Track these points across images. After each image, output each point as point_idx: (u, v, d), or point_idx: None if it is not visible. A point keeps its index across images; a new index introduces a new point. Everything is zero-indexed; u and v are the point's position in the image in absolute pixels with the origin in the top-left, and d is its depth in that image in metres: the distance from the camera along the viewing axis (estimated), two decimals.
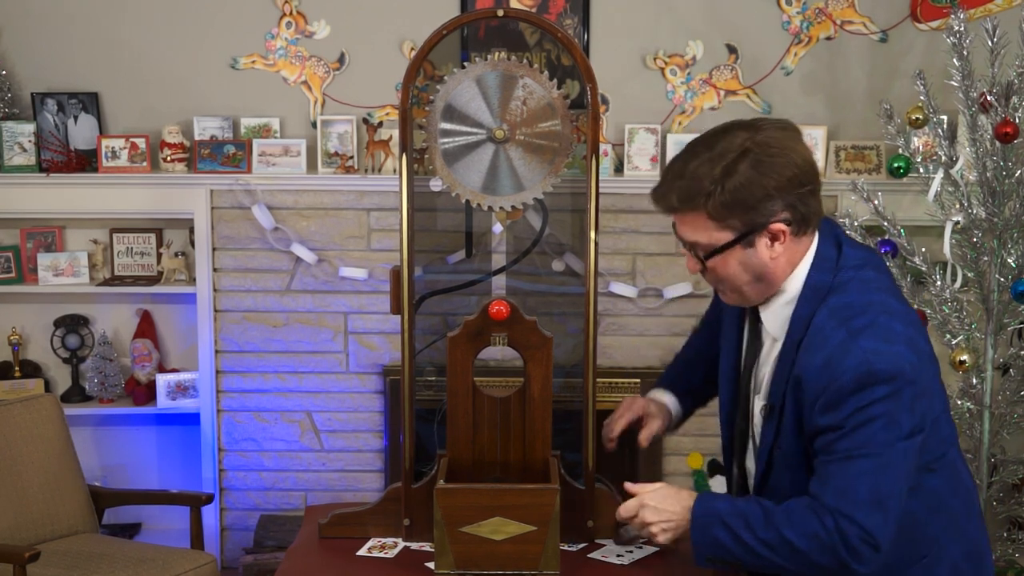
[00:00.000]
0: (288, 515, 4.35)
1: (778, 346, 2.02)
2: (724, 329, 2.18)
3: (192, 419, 4.42)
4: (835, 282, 1.95)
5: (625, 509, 2.05)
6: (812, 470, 1.96)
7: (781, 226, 1.92)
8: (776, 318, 2.01)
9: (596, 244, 2.14)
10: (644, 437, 2.29)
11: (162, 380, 4.36)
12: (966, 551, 2.10)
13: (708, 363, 2.29)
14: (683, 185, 1.92)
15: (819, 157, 4.22)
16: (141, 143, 4.22)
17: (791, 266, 1.98)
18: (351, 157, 4.25)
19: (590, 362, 2.17)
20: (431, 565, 2.11)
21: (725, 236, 1.93)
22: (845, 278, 1.96)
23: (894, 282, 2.07)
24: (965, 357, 3.53)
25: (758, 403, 2.06)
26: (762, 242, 1.93)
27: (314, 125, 4.32)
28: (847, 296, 1.94)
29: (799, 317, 1.96)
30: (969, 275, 3.63)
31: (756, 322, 2.08)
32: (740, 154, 1.89)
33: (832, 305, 1.93)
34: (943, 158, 3.63)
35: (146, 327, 4.47)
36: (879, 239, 3.73)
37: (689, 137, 2.44)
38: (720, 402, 2.20)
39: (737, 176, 1.88)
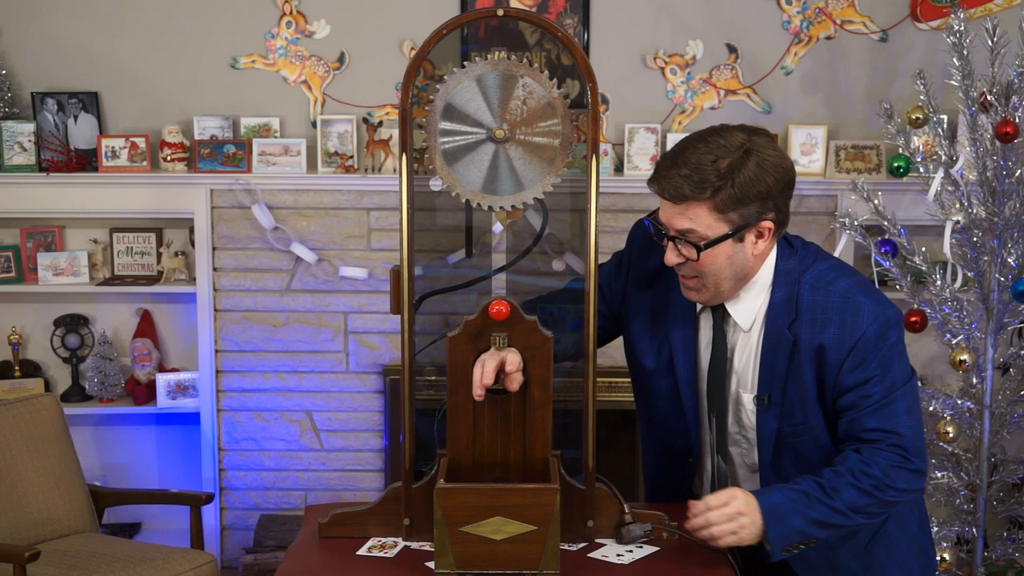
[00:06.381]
0: (288, 515, 4.35)
1: (752, 337, 2.11)
2: (672, 333, 2.21)
3: (192, 419, 4.42)
4: (801, 264, 2.10)
5: (692, 526, 2.08)
6: (829, 432, 2.09)
7: (769, 224, 2.04)
8: (747, 309, 2.11)
9: (596, 244, 2.13)
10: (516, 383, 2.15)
11: (162, 380, 4.36)
12: (919, 520, 2.25)
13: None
14: (693, 176, 1.99)
15: (819, 157, 4.22)
16: (141, 143, 4.22)
17: (761, 261, 2.10)
18: (351, 157, 4.25)
19: (590, 362, 2.17)
20: (431, 565, 2.11)
21: (722, 228, 2.01)
22: (805, 254, 2.12)
23: None
24: (965, 357, 3.53)
25: (745, 396, 2.14)
26: (750, 238, 2.04)
27: (314, 125, 4.31)
28: (817, 268, 2.10)
29: (779, 300, 2.08)
30: (969, 275, 3.63)
31: (721, 319, 2.14)
32: (744, 152, 1.99)
33: (808, 281, 2.07)
34: (943, 158, 3.63)
35: (146, 327, 4.47)
36: (879, 239, 3.73)
37: None
38: (684, 407, 2.23)
39: (744, 172, 1.98)
